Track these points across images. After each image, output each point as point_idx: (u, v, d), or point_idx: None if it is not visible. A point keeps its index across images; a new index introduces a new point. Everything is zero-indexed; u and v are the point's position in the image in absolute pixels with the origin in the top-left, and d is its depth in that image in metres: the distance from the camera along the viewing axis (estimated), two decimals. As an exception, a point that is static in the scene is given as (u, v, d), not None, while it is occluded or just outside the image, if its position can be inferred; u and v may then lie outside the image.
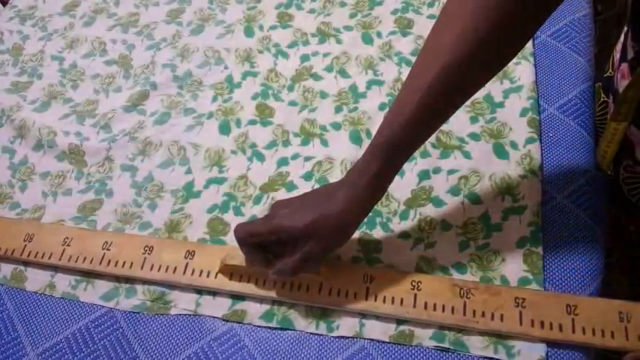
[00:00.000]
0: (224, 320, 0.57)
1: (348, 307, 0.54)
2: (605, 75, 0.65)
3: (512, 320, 0.51)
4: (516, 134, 0.64)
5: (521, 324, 0.51)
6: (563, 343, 0.51)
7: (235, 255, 0.56)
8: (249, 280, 0.57)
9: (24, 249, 0.63)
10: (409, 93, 0.48)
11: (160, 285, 0.59)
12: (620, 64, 0.56)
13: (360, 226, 0.55)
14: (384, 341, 0.53)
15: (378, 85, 0.71)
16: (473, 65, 0.46)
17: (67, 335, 0.59)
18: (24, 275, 0.63)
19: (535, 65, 0.69)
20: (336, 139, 0.68)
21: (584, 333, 0.50)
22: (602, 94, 0.66)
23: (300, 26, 0.80)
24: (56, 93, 0.79)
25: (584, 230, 0.58)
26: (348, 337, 0.54)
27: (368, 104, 0.70)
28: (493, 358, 0.51)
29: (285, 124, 0.70)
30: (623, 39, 0.57)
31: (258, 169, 0.67)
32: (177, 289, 0.59)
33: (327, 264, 0.55)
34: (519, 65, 0.69)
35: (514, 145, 0.63)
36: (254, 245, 0.53)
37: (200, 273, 0.58)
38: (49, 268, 0.62)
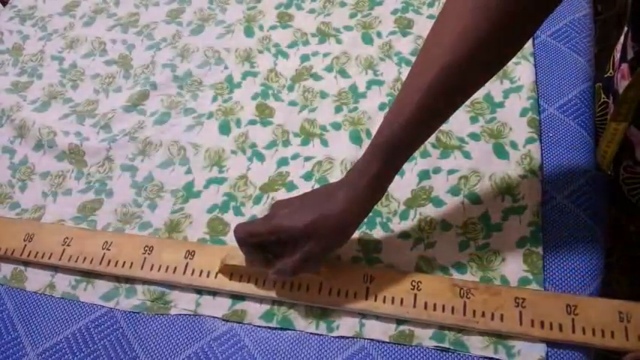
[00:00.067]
0: (224, 320, 0.57)
1: (348, 307, 0.54)
2: (606, 75, 0.65)
3: (512, 320, 0.51)
4: (516, 134, 0.64)
5: (521, 324, 0.51)
6: (563, 343, 0.51)
7: (235, 255, 0.56)
8: (249, 280, 0.57)
9: (24, 249, 0.63)
10: (409, 93, 0.48)
11: (160, 285, 0.59)
12: (620, 64, 0.56)
13: (360, 226, 0.55)
14: (384, 341, 0.53)
15: (378, 85, 0.71)
16: (473, 65, 0.46)
17: (67, 335, 0.59)
18: (24, 275, 0.63)
19: (535, 65, 0.69)
20: (336, 139, 0.68)
21: (584, 333, 0.50)
22: (603, 94, 0.66)
23: (300, 26, 0.80)
24: (56, 93, 0.79)
25: (584, 230, 0.58)
26: (348, 337, 0.54)
27: (368, 104, 0.70)
28: (493, 358, 0.51)
29: (285, 124, 0.70)
30: (623, 39, 0.57)
31: (258, 169, 0.67)
32: (177, 289, 0.59)
33: (327, 264, 0.55)
34: (519, 65, 0.69)
35: (514, 145, 0.63)
36: (254, 245, 0.53)
37: (200, 273, 0.58)
38: (49, 268, 0.63)
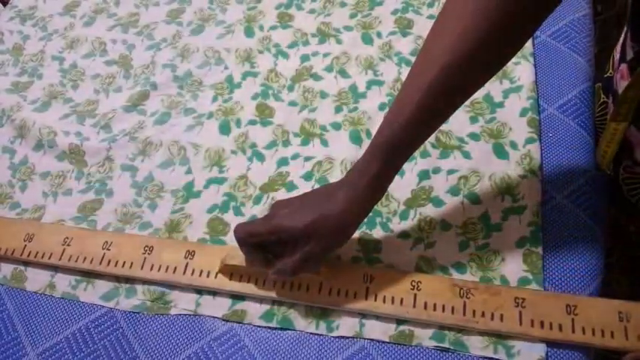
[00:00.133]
0: (224, 320, 0.57)
1: (348, 307, 0.54)
2: (605, 75, 0.65)
3: (512, 320, 0.51)
4: (516, 134, 0.64)
5: (521, 324, 0.51)
6: (562, 343, 0.51)
7: (235, 255, 0.56)
8: (249, 280, 0.57)
9: (24, 249, 0.63)
10: (409, 93, 0.48)
11: (160, 285, 0.59)
12: (620, 64, 0.56)
13: (360, 226, 0.55)
14: (383, 341, 0.53)
15: (377, 85, 0.71)
16: (473, 65, 0.46)
17: (67, 335, 0.59)
18: (24, 275, 0.63)
19: (535, 65, 0.69)
20: (336, 139, 0.68)
21: (583, 333, 0.50)
22: (602, 94, 0.66)
23: (301, 26, 0.80)
24: (56, 93, 0.79)
25: (583, 230, 0.58)
26: (348, 337, 0.54)
27: (368, 104, 0.70)
28: (493, 358, 0.51)
29: (285, 124, 0.70)
30: (622, 39, 0.57)
31: (258, 169, 0.67)
32: (178, 289, 0.59)
33: (327, 264, 0.55)
34: (519, 65, 0.69)
35: (514, 145, 0.63)
36: (254, 245, 0.53)
37: (200, 273, 0.58)
38: (49, 268, 0.63)
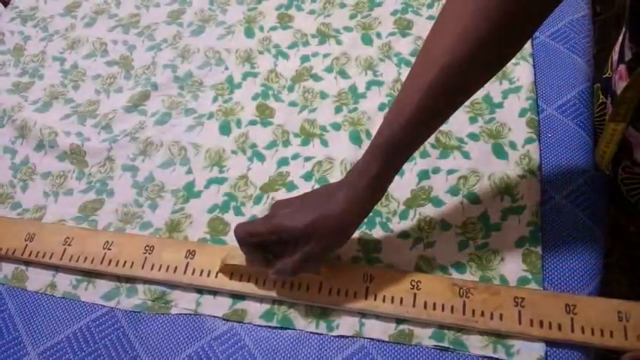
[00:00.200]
0: (224, 320, 0.57)
1: (347, 307, 0.55)
2: (604, 76, 0.65)
3: (511, 320, 0.52)
4: (515, 134, 0.64)
5: (521, 323, 0.51)
6: (562, 342, 0.51)
7: (235, 255, 0.56)
8: (249, 280, 0.57)
9: (25, 249, 0.63)
10: (409, 93, 0.48)
11: (161, 284, 0.60)
12: (618, 65, 0.56)
13: (360, 226, 0.55)
14: (383, 340, 0.54)
15: (377, 86, 0.72)
16: (473, 65, 0.46)
17: (67, 335, 0.59)
18: (25, 275, 0.63)
19: (534, 66, 0.69)
20: (336, 139, 0.68)
21: (583, 332, 0.50)
22: (601, 95, 0.66)
23: (300, 27, 0.80)
24: (57, 93, 0.79)
25: (582, 230, 0.58)
26: (347, 337, 0.54)
27: (368, 105, 0.70)
28: (492, 357, 0.51)
29: (286, 124, 0.70)
30: (620, 40, 0.57)
31: (258, 169, 0.67)
32: (178, 288, 0.59)
33: (327, 264, 0.55)
34: (518, 66, 0.69)
35: (513, 146, 0.64)
36: (254, 245, 0.53)
37: (200, 272, 0.58)
38: (49, 267, 0.63)
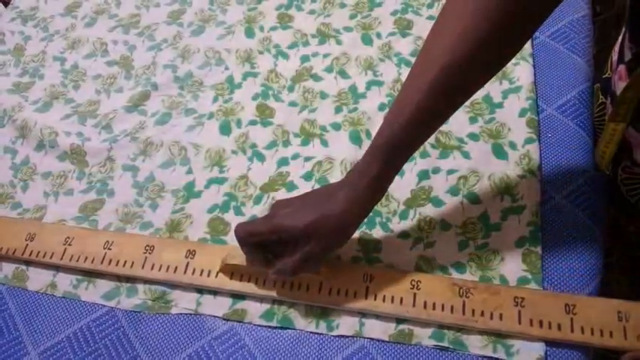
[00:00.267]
0: (224, 319, 0.57)
1: (347, 307, 0.55)
2: (604, 76, 0.65)
3: (511, 319, 0.52)
4: (515, 134, 0.64)
5: (520, 323, 0.51)
6: (561, 342, 0.51)
7: (236, 254, 0.56)
8: (249, 280, 0.57)
9: (25, 248, 0.63)
10: (409, 93, 0.48)
11: (161, 284, 0.60)
12: (618, 65, 0.56)
13: (360, 226, 0.55)
14: (383, 340, 0.54)
15: (377, 86, 0.72)
16: (473, 65, 0.46)
17: (68, 334, 0.59)
18: (25, 275, 0.63)
19: (534, 66, 0.69)
20: (336, 139, 0.68)
21: (582, 332, 0.50)
22: (601, 95, 0.66)
23: (300, 27, 0.80)
24: (58, 93, 0.79)
25: (582, 230, 0.58)
26: (347, 337, 0.54)
27: (368, 105, 0.70)
28: (492, 357, 0.51)
29: (286, 124, 0.70)
30: (620, 40, 0.57)
31: (258, 169, 0.67)
32: (178, 288, 0.59)
33: (327, 263, 0.55)
34: (518, 66, 0.69)
35: (513, 146, 0.64)
36: (254, 245, 0.53)
37: (201, 272, 0.58)
38: (50, 267, 0.63)
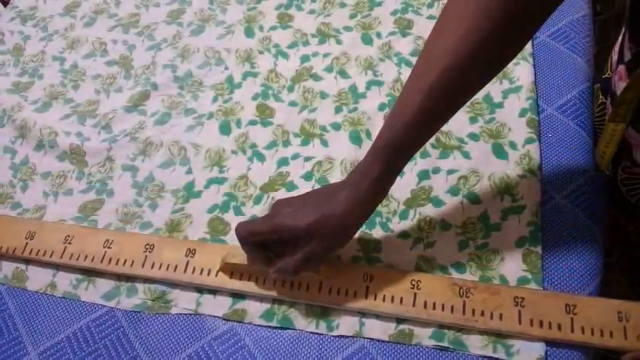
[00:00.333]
0: (224, 319, 0.57)
1: (347, 306, 0.55)
2: (604, 76, 0.65)
3: (511, 319, 0.52)
4: (515, 134, 0.64)
5: (521, 323, 0.51)
6: (562, 342, 0.51)
7: (236, 253, 0.56)
8: (249, 279, 0.57)
9: (25, 247, 0.63)
10: (410, 94, 0.48)
11: (161, 284, 0.60)
12: (618, 65, 0.56)
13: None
14: (383, 340, 0.54)
15: (377, 86, 0.72)
16: (474, 66, 0.46)
17: (68, 334, 0.59)
18: (25, 275, 0.63)
19: (534, 66, 0.69)
20: (336, 139, 0.68)
21: (583, 332, 0.50)
22: (601, 95, 0.66)
23: (300, 27, 0.80)
24: (57, 93, 0.79)
25: (583, 230, 0.58)
26: (347, 337, 0.54)
27: (368, 104, 0.70)
28: (492, 357, 0.51)
29: (286, 124, 0.70)
30: (620, 40, 0.57)
31: (258, 169, 0.67)
32: (178, 287, 0.59)
33: (327, 263, 0.55)
34: (518, 66, 0.69)
35: (513, 146, 0.64)
36: (255, 244, 0.53)
37: (201, 271, 0.58)
38: (50, 267, 0.63)
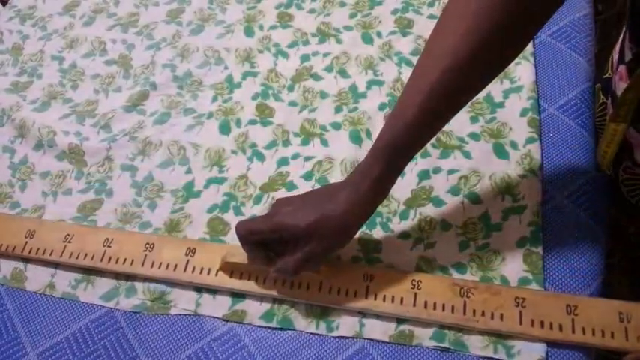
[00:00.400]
0: (224, 320, 0.57)
1: (348, 306, 0.54)
2: (604, 76, 0.65)
3: (512, 320, 0.51)
4: (516, 134, 0.64)
5: (521, 323, 0.51)
6: (563, 343, 0.51)
7: (235, 252, 0.56)
8: (249, 278, 0.57)
9: (25, 245, 0.63)
10: (411, 95, 0.48)
11: (160, 284, 0.59)
12: (618, 65, 0.56)
13: (360, 226, 0.55)
14: (384, 341, 0.53)
15: (378, 85, 0.71)
16: (475, 67, 0.46)
17: (67, 335, 0.59)
18: (24, 275, 0.63)
19: (535, 65, 0.69)
20: (336, 139, 0.68)
21: (583, 333, 0.50)
22: (602, 95, 0.66)
23: (300, 26, 0.80)
24: (56, 93, 0.79)
25: (584, 230, 0.58)
26: (348, 337, 0.54)
27: (368, 104, 0.70)
28: (493, 357, 0.51)
29: (285, 124, 0.70)
30: (621, 40, 0.57)
31: (258, 169, 0.67)
32: (178, 287, 0.59)
33: (327, 263, 0.55)
34: (519, 65, 0.69)
35: (514, 145, 0.63)
36: (255, 243, 0.53)
37: (201, 270, 0.58)
38: (49, 266, 0.63)
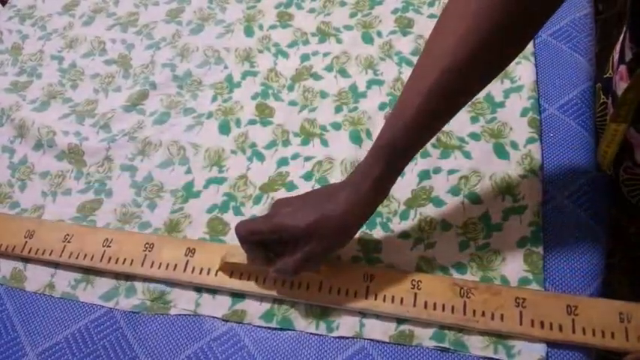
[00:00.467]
0: (224, 320, 0.57)
1: (348, 306, 0.54)
2: (605, 76, 0.65)
3: (512, 320, 0.51)
4: (517, 134, 0.64)
5: (522, 324, 0.51)
6: (563, 343, 0.51)
7: (235, 252, 0.56)
8: (249, 278, 0.57)
9: (24, 245, 0.63)
10: (410, 95, 0.48)
11: (160, 284, 0.59)
12: (619, 65, 0.56)
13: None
14: (384, 341, 0.53)
15: (378, 85, 0.71)
16: (474, 67, 0.46)
17: (66, 335, 0.59)
18: (23, 275, 0.63)
19: (536, 65, 0.69)
20: (336, 139, 0.68)
21: (584, 333, 0.50)
22: (602, 95, 0.66)
23: (300, 26, 0.80)
24: (55, 93, 0.79)
25: (584, 230, 0.57)
26: (348, 338, 0.54)
27: (368, 104, 0.70)
28: (493, 358, 0.51)
29: (285, 123, 0.70)
30: (621, 40, 0.57)
31: (258, 169, 0.67)
32: (177, 287, 0.59)
33: (327, 263, 0.55)
34: (520, 65, 0.69)
35: (514, 145, 0.63)
36: (255, 243, 0.53)
37: (200, 271, 0.58)
38: (48, 266, 0.62)
